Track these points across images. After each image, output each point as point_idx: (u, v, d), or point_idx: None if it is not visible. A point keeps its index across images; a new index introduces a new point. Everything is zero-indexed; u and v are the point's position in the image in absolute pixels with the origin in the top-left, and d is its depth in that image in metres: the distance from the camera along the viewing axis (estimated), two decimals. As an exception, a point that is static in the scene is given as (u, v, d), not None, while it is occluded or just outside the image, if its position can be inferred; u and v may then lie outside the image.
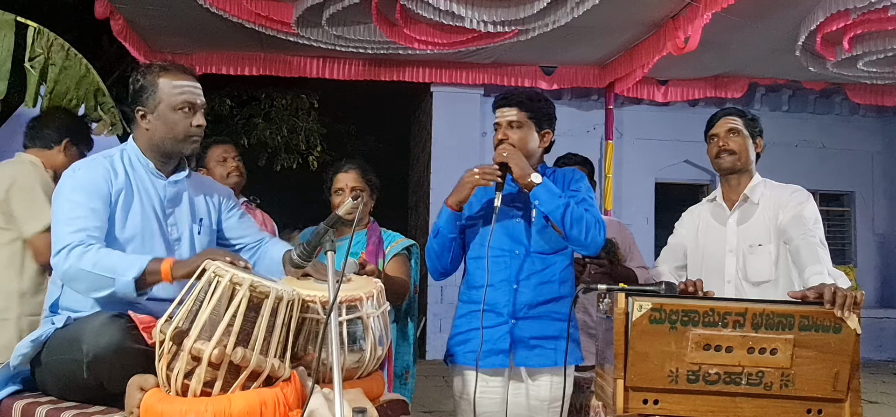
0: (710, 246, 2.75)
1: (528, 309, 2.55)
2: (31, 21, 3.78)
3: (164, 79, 2.21)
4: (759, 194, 2.70)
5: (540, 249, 2.59)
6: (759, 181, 2.74)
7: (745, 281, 2.65)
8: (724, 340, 2.01)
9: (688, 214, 2.92)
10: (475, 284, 2.62)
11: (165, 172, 2.27)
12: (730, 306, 2.04)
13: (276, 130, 10.61)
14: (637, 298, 2.03)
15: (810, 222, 2.53)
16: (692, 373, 2.02)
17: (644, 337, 2.01)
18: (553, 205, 2.45)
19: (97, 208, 2.09)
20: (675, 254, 2.86)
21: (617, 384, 2.05)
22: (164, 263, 1.99)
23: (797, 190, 2.68)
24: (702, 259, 2.77)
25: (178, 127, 2.20)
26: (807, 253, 2.42)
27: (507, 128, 2.57)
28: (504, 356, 2.55)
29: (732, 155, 2.69)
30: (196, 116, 2.22)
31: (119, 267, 1.97)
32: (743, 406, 2.04)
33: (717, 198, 2.81)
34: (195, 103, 2.22)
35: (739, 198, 2.72)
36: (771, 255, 2.62)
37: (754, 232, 2.67)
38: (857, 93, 7.39)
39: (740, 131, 2.70)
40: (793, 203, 2.61)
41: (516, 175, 2.48)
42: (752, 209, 2.70)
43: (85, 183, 2.12)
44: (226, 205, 2.44)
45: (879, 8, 4.96)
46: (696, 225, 2.83)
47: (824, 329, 2.02)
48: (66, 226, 2.05)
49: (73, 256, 2.00)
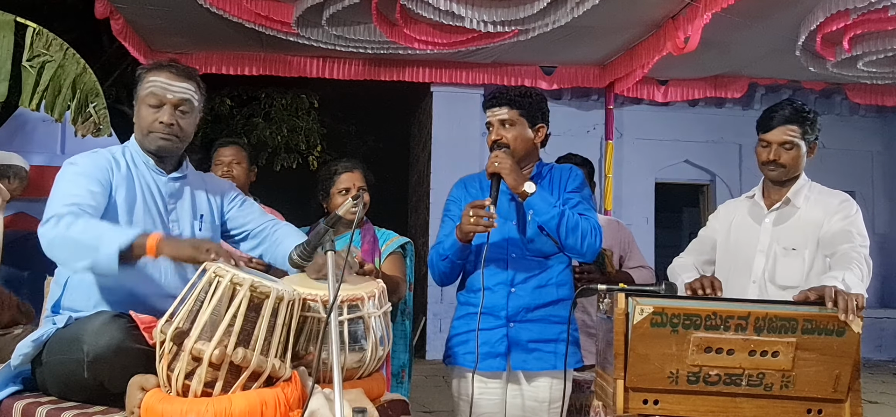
0: (741, 243, 2.66)
1: (526, 312, 2.54)
2: (30, 21, 3.79)
3: (147, 74, 2.22)
4: (802, 198, 2.58)
5: (536, 252, 2.57)
6: (805, 184, 2.61)
7: (772, 283, 2.56)
8: (726, 343, 1.99)
9: (724, 207, 2.84)
10: (473, 287, 2.61)
11: (166, 169, 2.28)
12: (733, 309, 2.00)
13: (276, 130, 10.61)
14: (638, 301, 1.99)
15: (858, 237, 2.43)
16: (692, 375, 2.01)
17: (645, 339, 2.00)
18: (548, 216, 2.43)
19: (95, 191, 2.09)
20: (702, 247, 2.78)
21: (617, 384, 2.04)
22: (151, 237, 1.93)
23: (846, 199, 2.56)
24: (730, 255, 2.69)
25: (144, 121, 2.20)
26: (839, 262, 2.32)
27: (499, 127, 2.53)
28: (501, 359, 2.54)
29: (782, 168, 2.54)
30: (162, 112, 2.17)
31: (105, 237, 1.92)
32: (743, 407, 2.03)
33: (755, 196, 2.69)
34: (162, 98, 2.17)
35: (781, 200, 2.60)
36: (805, 261, 2.52)
37: (791, 235, 2.57)
38: (857, 93, 7.40)
39: (795, 144, 2.53)
40: (841, 213, 2.50)
41: (510, 185, 2.44)
42: (793, 212, 2.59)
43: (86, 168, 2.13)
44: (227, 197, 2.43)
45: (879, 8, 4.96)
46: (731, 220, 2.73)
47: (828, 332, 1.99)
48: (59, 200, 2.03)
49: (62, 224, 1.96)
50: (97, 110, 3.93)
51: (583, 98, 9.21)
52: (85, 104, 3.88)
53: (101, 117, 3.95)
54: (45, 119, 5.02)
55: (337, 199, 3.01)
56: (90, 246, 1.92)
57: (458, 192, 2.71)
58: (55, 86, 3.72)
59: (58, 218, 1.98)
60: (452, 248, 2.51)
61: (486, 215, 2.36)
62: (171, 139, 2.19)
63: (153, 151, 2.23)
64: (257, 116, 10.82)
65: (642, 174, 9.61)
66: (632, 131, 9.54)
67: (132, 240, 1.92)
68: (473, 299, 2.58)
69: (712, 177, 9.68)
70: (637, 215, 9.40)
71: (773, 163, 2.55)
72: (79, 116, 3.96)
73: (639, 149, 9.55)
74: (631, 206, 9.40)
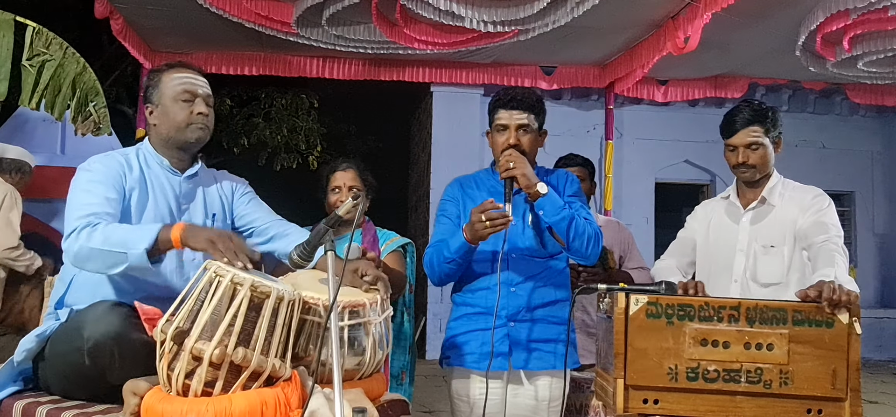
0: (721, 243, 2.71)
1: (526, 312, 2.54)
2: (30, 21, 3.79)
3: (166, 74, 2.29)
4: (777, 195, 2.65)
5: (538, 253, 2.57)
6: (778, 181, 2.68)
7: (753, 281, 2.62)
8: (721, 335, 2.04)
9: (701, 208, 2.88)
10: (473, 287, 2.60)
11: (181, 169, 2.30)
12: (724, 301, 2.08)
13: (276, 130, 10.62)
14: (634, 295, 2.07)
15: (832, 228, 2.48)
16: (691, 371, 2.03)
17: (642, 332, 2.04)
18: (558, 217, 2.44)
19: (111, 197, 2.11)
20: (683, 248, 2.83)
21: (617, 383, 2.05)
22: (174, 229, 1.97)
23: (819, 194, 2.62)
24: (710, 256, 2.74)
25: (178, 116, 2.25)
26: (824, 258, 2.37)
27: (516, 131, 2.52)
28: (503, 359, 2.53)
29: (752, 168, 2.62)
30: (196, 104, 2.26)
31: (130, 239, 1.95)
32: (743, 406, 2.04)
33: (730, 196, 2.76)
34: (195, 92, 2.26)
35: (756, 199, 2.66)
36: (784, 258, 2.59)
37: (769, 232, 2.63)
38: (857, 93, 7.39)
39: (760, 143, 2.60)
40: (814, 207, 2.56)
41: (523, 185, 2.43)
42: (769, 209, 2.65)
43: (100, 174, 2.15)
44: (237, 194, 2.46)
45: (879, 8, 4.96)
46: (709, 220, 2.79)
47: (817, 324, 2.05)
48: (77, 211, 2.05)
49: (83, 236, 1.99)
50: (97, 109, 3.93)
51: (583, 98, 9.22)
52: (85, 103, 3.88)
53: (100, 116, 3.96)
54: (46, 119, 5.02)
55: (331, 198, 3.03)
56: (118, 252, 1.95)
57: (454, 192, 2.69)
58: (55, 85, 3.72)
59: (77, 233, 2.00)
60: (460, 251, 2.47)
61: (500, 218, 2.34)
62: (206, 129, 2.29)
63: (192, 143, 2.28)
64: (257, 116, 10.83)
65: (642, 174, 9.62)
66: (632, 131, 9.56)
67: (156, 236, 1.95)
68: (471, 299, 2.58)
69: (712, 177, 9.69)
70: (637, 215, 9.41)
71: (743, 165, 2.62)
72: (78, 115, 3.96)
73: (639, 149, 9.56)
74: (631, 206, 9.41)
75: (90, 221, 2.01)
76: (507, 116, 2.53)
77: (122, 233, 1.99)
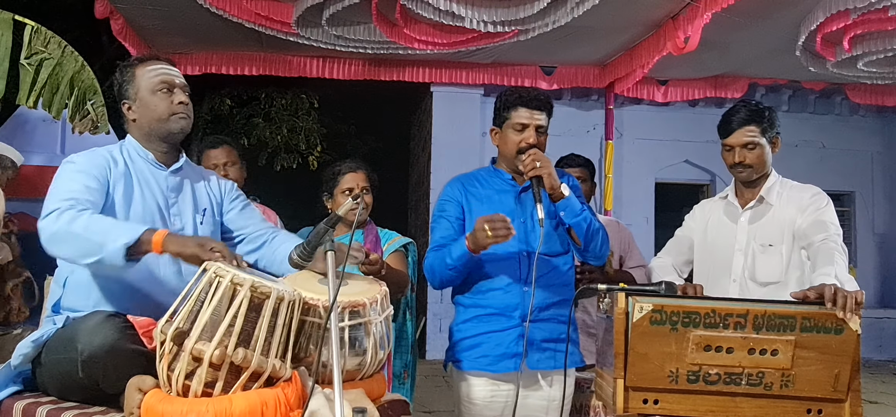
0: (719, 243, 2.71)
1: (539, 311, 2.51)
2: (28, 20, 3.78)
3: (139, 68, 2.28)
4: (775, 195, 2.65)
5: (547, 251, 2.54)
6: (776, 180, 2.68)
7: (752, 280, 2.62)
8: (725, 341, 2.00)
9: (699, 207, 2.88)
10: (483, 288, 2.55)
11: (166, 163, 2.29)
12: (731, 308, 2.01)
13: (276, 130, 10.62)
14: (638, 299, 2.01)
15: (831, 227, 2.47)
16: (692, 374, 2.02)
17: (644, 338, 2.00)
18: (579, 218, 2.45)
19: (93, 187, 2.10)
20: (680, 247, 2.83)
21: (617, 383, 2.04)
22: (157, 234, 1.95)
23: (817, 193, 2.62)
24: (709, 255, 2.74)
25: (159, 107, 2.24)
26: (823, 257, 2.36)
27: (535, 132, 2.50)
28: (517, 359, 2.49)
29: (750, 168, 2.61)
30: (176, 94, 2.26)
31: (112, 232, 1.93)
32: (743, 407, 2.03)
33: (729, 196, 2.76)
34: (173, 82, 2.26)
35: (754, 199, 2.66)
36: (782, 257, 2.58)
37: (767, 231, 2.63)
38: (857, 93, 7.40)
39: (757, 143, 2.60)
40: (813, 206, 2.56)
41: (548, 185, 2.41)
42: (767, 209, 2.65)
43: (83, 165, 2.15)
44: (228, 196, 2.43)
45: (879, 8, 4.96)
46: (707, 220, 2.79)
47: (826, 330, 2.00)
48: (58, 195, 2.04)
49: (64, 218, 1.97)
50: (95, 107, 3.93)
51: (583, 98, 9.21)
52: (83, 101, 3.88)
53: (99, 114, 3.96)
54: (45, 119, 5.01)
55: (340, 199, 3.00)
56: (95, 241, 1.92)
57: (454, 191, 2.64)
58: (53, 84, 3.71)
59: (58, 213, 1.98)
60: (461, 260, 2.43)
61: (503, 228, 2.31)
62: (188, 119, 2.28)
63: (176, 133, 2.27)
64: (257, 116, 10.82)
65: (642, 174, 9.61)
66: (632, 131, 9.54)
67: (139, 236, 1.93)
68: (483, 300, 2.54)
69: (712, 177, 9.68)
70: (637, 215, 9.40)
71: (740, 165, 2.62)
72: (76, 113, 3.95)
73: (639, 149, 9.55)
74: (631, 206, 9.40)
75: (73, 205, 2.00)
76: (528, 116, 2.50)
77: (106, 225, 1.98)
